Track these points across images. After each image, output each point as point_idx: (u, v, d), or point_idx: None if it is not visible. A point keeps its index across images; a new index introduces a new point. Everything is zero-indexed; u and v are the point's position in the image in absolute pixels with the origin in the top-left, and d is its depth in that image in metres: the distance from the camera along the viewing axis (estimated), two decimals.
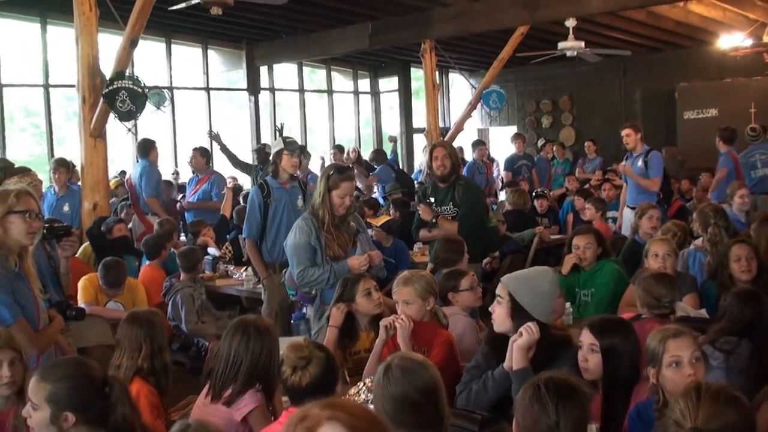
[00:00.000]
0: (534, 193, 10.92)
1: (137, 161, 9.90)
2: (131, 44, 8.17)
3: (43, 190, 8.98)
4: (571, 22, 11.26)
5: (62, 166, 8.76)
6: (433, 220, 6.18)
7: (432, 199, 6.34)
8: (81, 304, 6.04)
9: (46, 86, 12.94)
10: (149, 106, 9.28)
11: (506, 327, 3.43)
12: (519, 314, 3.39)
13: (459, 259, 5.45)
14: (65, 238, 4.37)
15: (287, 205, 6.12)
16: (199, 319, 6.64)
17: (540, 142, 15.72)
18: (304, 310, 4.98)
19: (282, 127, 9.47)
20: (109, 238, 7.52)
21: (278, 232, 6.02)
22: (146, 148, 9.64)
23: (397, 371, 2.53)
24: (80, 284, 6.25)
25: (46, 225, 4.17)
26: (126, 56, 8.27)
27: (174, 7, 9.00)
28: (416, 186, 11.88)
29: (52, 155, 12.77)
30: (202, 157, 9.99)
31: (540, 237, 9.30)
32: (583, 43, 11.47)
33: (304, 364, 2.87)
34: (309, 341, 2.99)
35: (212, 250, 7.98)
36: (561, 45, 11.42)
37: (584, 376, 3.11)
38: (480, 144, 13.42)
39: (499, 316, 3.46)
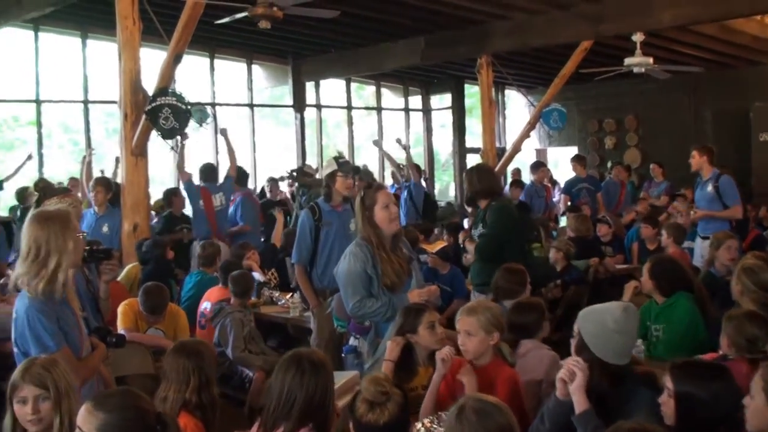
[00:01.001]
0: (596, 219, 10.77)
1: (221, 185, 10.09)
2: (175, 59, 8.27)
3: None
4: (638, 37, 11.15)
5: (101, 184, 8.88)
6: (462, 244, 6.19)
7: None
8: (120, 330, 6.08)
9: (86, 102, 13.19)
10: (191, 123, 9.42)
11: None
12: (582, 351, 3.35)
13: (521, 290, 5.40)
14: (105, 262, 4.38)
15: (339, 229, 6.11)
16: (246, 347, 6.65)
17: (608, 164, 15.51)
18: (356, 342, 4.92)
19: (340, 155, 9.64)
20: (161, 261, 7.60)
21: (329, 257, 6.00)
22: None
23: (471, 414, 2.50)
24: (120, 309, 6.28)
25: (86, 248, 4.19)
26: (170, 72, 8.38)
27: (220, 21, 9.11)
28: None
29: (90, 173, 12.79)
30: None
31: (604, 267, 9.14)
32: (651, 59, 11.33)
33: (384, 401, 2.81)
34: (386, 375, 2.92)
35: (257, 275, 7.98)
36: (627, 61, 11.30)
37: (665, 421, 3.03)
38: (540, 166, 13.32)
39: (572, 351, 3.43)
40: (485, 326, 4.02)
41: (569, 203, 12.42)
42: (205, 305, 7.06)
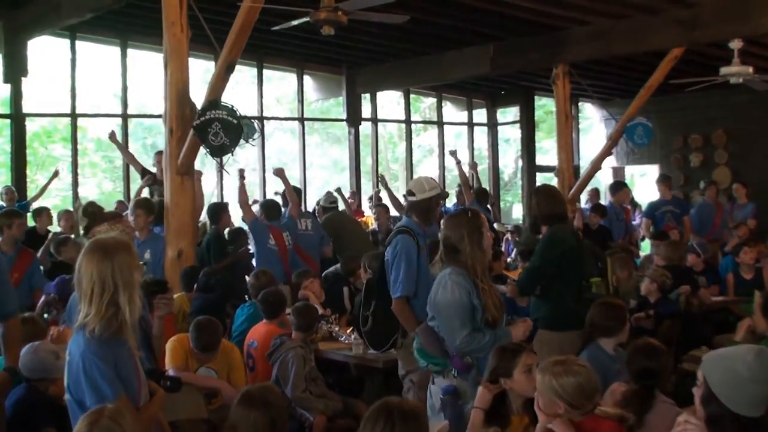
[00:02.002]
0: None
1: (285, 223, 10.16)
2: (227, 69, 8.23)
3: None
4: (735, 44, 10.88)
5: (141, 207, 8.82)
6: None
7: None
8: (169, 370, 6.01)
9: (125, 116, 13.23)
10: None
11: (701, 415, 3.20)
12: (710, 402, 3.16)
13: (619, 327, 5.33)
14: (160, 295, 4.30)
15: (425, 253, 6.05)
16: (306, 387, 6.57)
17: (701, 184, 15.13)
18: (454, 382, 4.83)
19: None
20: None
21: (426, 286, 5.96)
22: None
23: None
24: (168, 346, 6.19)
25: (141, 281, 4.09)
26: (221, 83, 8.33)
27: (276, 28, 9.06)
28: None
29: (128, 193, 13.02)
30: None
31: (699, 299, 8.91)
32: (751, 69, 11.05)
33: None
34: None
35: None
36: (724, 70, 11.02)
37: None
38: (621, 186, 13.09)
39: (696, 402, 3.24)
40: (549, 392, 3.82)
41: (651, 227, 12.15)
42: (252, 344, 6.98)
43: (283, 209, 10.42)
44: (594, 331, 5.41)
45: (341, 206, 12.06)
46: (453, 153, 13.06)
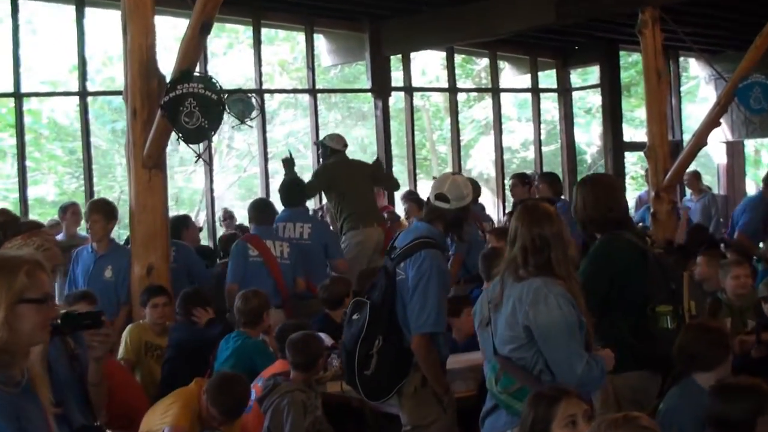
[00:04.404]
0: None
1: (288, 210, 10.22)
2: (202, 29, 8.16)
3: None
4: None
5: (97, 210, 8.92)
6: None
7: None
8: (168, 427, 6.15)
9: (83, 94, 13.25)
10: (229, 118, 9.32)
11: None
12: None
13: (723, 358, 5.37)
14: (92, 332, 4.22)
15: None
16: None
17: None
18: None
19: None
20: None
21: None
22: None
23: None
24: (180, 404, 6.31)
25: (63, 312, 4.05)
26: (194, 48, 8.27)
27: None
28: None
29: (91, 193, 13.12)
30: None
31: None
32: None
33: None
34: None
35: (323, 337, 7.81)
36: None
37: None
38: None
39: None
40: None
41: None
42: (259, 382, 7.00)
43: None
44: (687, 363, 5.37)
45: None
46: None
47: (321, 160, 10.89)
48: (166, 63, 8.49)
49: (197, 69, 8.58)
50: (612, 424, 3.63)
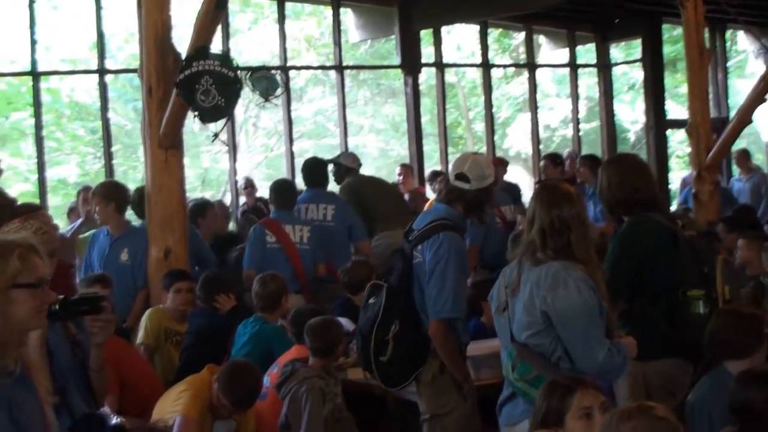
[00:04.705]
0: None
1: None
2: (218, 4, 8.17)
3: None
4: None
5: (95, 194, 9.03)
6: None
7: None
8: (175, 417, 6.11)
9: (101, 71, 13.28)
10: (253, 96, 9.29)
11: None
12: None
13: (757, 345, 5.29)
14: (92, 317, 4.22)
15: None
16: None
17: None
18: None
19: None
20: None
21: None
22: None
23: None
24: (191, 394, 6.28)
25: (61, 298, 4.03)
26: (210, 23, 8.27)
27: None
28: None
29: (111, 174, 13.19)
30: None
31: None
32: None
33: None
34: None
35: (344, 322, 7.80)
36: None
37: None
38: None
39: None
40: None
41: None
42: (274, 367, 7.05)
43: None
44: (718, 351, 5.33)
45: None
46: None
47: (336, 179, 10.81)
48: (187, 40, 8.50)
49: (219, 46, 8.56)
50: (625, 415, 3.59)
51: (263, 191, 12.37)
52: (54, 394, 3.66)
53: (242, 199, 13.44)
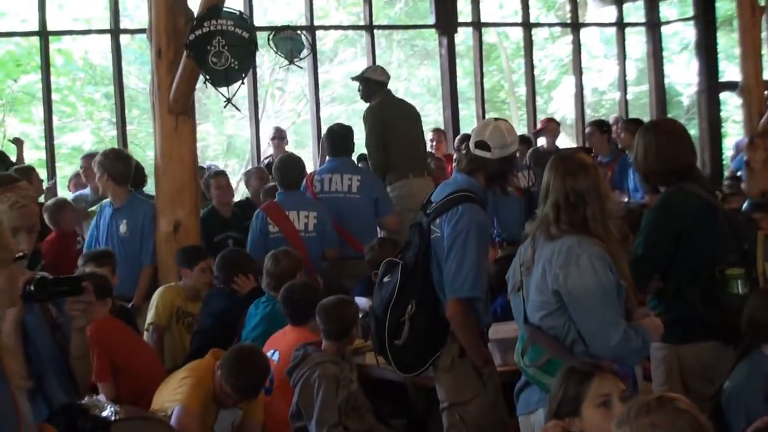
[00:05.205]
0: None
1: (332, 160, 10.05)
2: None
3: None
4: None
5: (93, 163, 9.10)
6: None
7: None
8: (176, 406, 6.09)
9: (116, 32, 13.23)
10: (276, 58, 9.20)
11: None
12: None
13: None
14: (72, 299, 4.16)
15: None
16: (340, 420, 6.48)
17: None
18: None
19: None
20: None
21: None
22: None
23: None
24: (192, 383, 6.26)
25: (38, 276, 4.01)
26: None
27: None
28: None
29: (124, 141, 13.14)
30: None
31: None
32: None
33: None
34: None
35: (365, 302, 7.75)
36: None
37: None
38: None
39: None
40: None
41: None
42: (272, 354, 6.96)
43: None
44: (756, 333, 5.24)
45: None
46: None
47: (364, 97, 10.64)
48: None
49: (240, 4, 8.51)
50: (644, 409, 3.48)
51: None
52: (29, 379, 3.61)
53: (270, 150, 13.26)
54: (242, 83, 8.64)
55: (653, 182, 6.15)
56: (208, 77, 8.27)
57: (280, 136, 13.21)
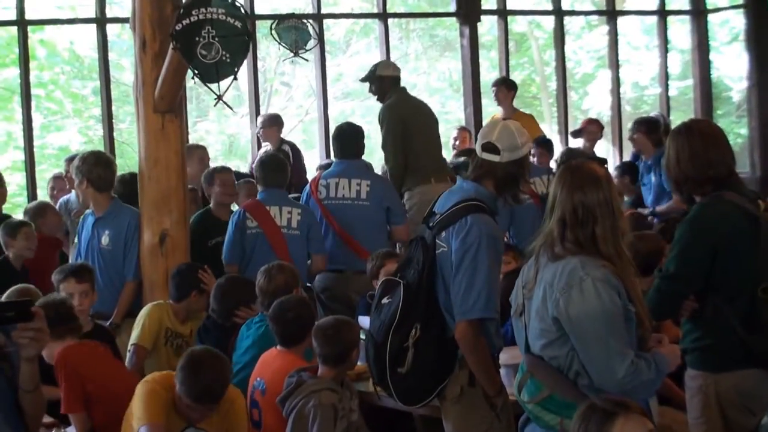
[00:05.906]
0: None
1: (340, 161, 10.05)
2: None
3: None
4: None
5: (75, 168, 8.95)
6: None
7: None
8: (142, 426, 6.04)
9: (101, 21, 13.21)
10: (280, 49, 9.13)
11: None
12: None
13: None
14: (21, 325, 4.09)
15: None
16: None
17: None
18: None
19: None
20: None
21: None
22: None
23: None
24: (144, 389, 6.19)
25: None
26: None
27: None
28: None
29: (110, 140, 13.11)
30: None
31: None
32: None
33: None
34: None
35: (366, 320, 7.69)
36: None
37: None
38: None
39: None
40: None
41: None
42: (258, 384, 6.94)
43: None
44: None
45: None
46: None
47: (378, 97, 10.60)
48: None
49: None
50: None
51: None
52: None
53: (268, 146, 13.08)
54: (235, 78, 8.56)
55: (687, 191, 6.02)
56: (196, 71, 8.15)
57: (276, 122, 13.09)
